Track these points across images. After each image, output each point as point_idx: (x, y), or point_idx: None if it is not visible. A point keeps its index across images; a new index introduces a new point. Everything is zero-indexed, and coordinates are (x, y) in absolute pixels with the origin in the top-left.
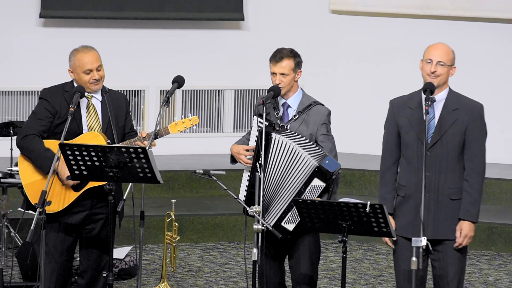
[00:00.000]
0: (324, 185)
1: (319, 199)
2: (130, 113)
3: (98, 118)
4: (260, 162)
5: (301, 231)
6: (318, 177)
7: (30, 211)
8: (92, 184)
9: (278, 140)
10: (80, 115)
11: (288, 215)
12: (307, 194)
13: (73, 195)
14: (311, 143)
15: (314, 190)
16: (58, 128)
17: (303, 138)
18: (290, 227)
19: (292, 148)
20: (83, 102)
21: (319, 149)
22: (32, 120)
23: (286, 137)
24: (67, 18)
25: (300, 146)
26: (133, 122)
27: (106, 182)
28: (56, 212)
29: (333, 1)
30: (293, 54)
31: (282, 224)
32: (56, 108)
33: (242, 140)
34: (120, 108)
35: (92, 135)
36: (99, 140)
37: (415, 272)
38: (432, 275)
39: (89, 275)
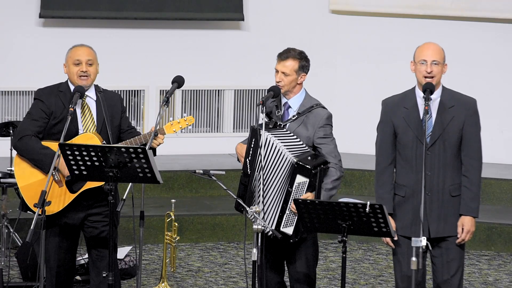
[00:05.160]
0: (308, 180)
1: (318, 199)
2: (126, 112)
3: (93, 118)
4: (249, 158)
5: (303, 237)
6: (300, 173)
7: (29, 212)
8: (89, 185)
9: (266, 138)
10: (76, 116)
11: (284, 218)
12: (294, 192)
13: (71, 196)
14: (300, 142)
15: (300, 187)
16: (54, 128)
17: (293, 137)
18: (290, 230)
19: (277, 148)
20: (78, 102)
21: (305, 147)
22: (27, 121)
23: (275, 136)
24: (67, 18)
25: (285, 145)
26: (133, 122)
27: (103, 183)
28: (55, 214)
29: (333, 1)
30: (300, 57)
31: (282, 229)
32: (51, 109)
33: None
34: (115, 108)
35: (87, 136)
36: (95, 141)
37: (415, 272)
38: (432, 274)
39: (94, 275)
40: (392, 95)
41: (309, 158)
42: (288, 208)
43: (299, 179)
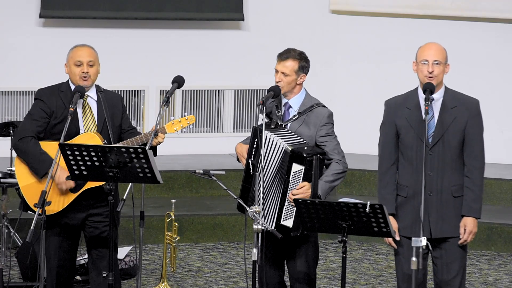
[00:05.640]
0: (303, 167)
1: (318, 199)
2: (126, 112)
3: (94, 118)
4: (252, 159)
5: (303, 233)
6: (296, 161)
7: (29, 212)
8: (89, 184)
9: (268, 138)
10: (76, 116)
11: (284, 211)
12: (291, 181)
13: (71, 196)
14: (301, 139)
15: (297, 175)
16: (55, 128)
17: (295, 136)
18: (289, 223)
19: (275, 142)
20: (79, 102)
21: (305, 143)
22: (28, 121)
23: (276, 135)
24: (67, 18)
25: (284, 140)
26: (133, 122)
27: (104, 183)
28: (55, 214)
29: (333, 1)
30: (300, 57)
31: (282, 222)
32: (52, 109)
33: (248, 140)
34: (115, 108)
35: (89, 136)
36: (96, 140)
37: (415, 272)
38: (432, 275)
39: (94, 275)
40: (395, 96)
41: (305, 148)
42: (286, 199)
43: (295, 167)
